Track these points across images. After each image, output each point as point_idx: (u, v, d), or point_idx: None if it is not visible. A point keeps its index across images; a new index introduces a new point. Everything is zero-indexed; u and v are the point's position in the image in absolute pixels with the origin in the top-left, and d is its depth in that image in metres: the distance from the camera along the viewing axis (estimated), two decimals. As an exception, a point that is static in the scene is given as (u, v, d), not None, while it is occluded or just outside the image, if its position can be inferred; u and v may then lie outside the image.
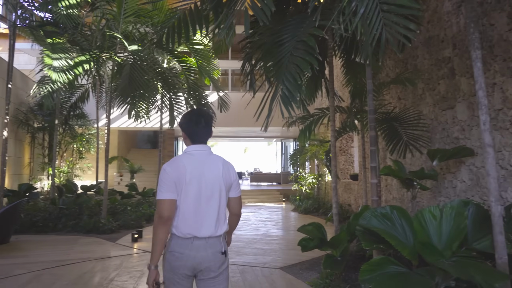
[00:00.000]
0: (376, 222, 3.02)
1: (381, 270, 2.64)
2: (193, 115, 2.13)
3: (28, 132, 12.26)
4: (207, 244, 1.97)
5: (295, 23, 3.42)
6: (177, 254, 1.94)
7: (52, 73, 7.00)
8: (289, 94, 2.99)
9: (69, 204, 8.35)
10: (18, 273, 4.58)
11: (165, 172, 1.97)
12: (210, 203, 2.00)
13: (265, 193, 15.92)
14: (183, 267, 1.94)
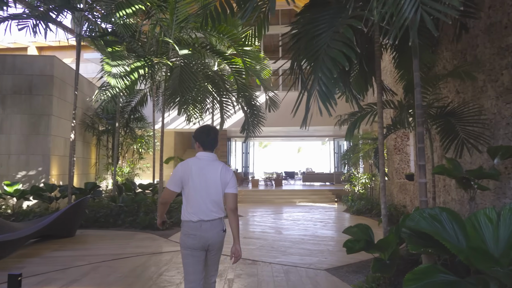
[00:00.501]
0: (425, 224, 2.81)
1: (427, 278, 2.45)
2: (205, 129, 2.76)
3: (94, 135, 13.25)
4: (212, 225, 2.61)
5: (332, 13, 3.30)
6: (192, 236, 2.59)
7: (111, 79, 7.50)
8: (326, 89, 2.89)
9: (127, 202, 8.89)
10: (79, 264, 4.97)
11: (176, 169, 2.64)
12: (211, 195, 2.60)
13: (317, 193, 15.66)
14: (197, 245, 2.59)
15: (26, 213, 8.35)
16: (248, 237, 7.17)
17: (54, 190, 8.97)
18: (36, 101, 10.43)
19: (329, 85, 2.89)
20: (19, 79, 10.49)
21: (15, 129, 10.30)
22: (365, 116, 5.41)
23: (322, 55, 3.03)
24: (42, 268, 4.78)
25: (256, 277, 4.40)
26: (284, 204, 13.76)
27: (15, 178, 9.91)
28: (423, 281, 2.44)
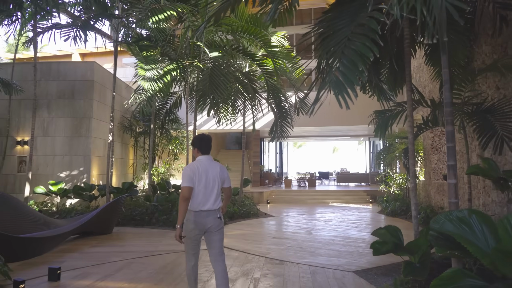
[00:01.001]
0: (451, 226, 2.70)
1: (454, 284, 2.36)
2: (202, 137, 3.42)
3: (131, 136, 13.80)
4: (209, 213, 3.22)
5: (355, 9, 3.24)
6: (192, 222, 3.18)
7: (145, 83, 7.80)
8: (343, 78, 2.83)
9: (161, 201, 9.18)
10: (114, 260, 5.21)
11: (185, 170, 3.24)
12: (212, 189, 3.24)
13: (351, 193, 15.35)
14: (197, 230, 3.18)
15: (69, 211, 8.85)
16: (277, 237, 7.18)
17: (93, 189, 9.45)
18: (78, 105, 11.02)
19: (349, 74, 2.83)
20: (63, 84, 11.14)
21: (59, 131, 10.95)
22: (396, 115, 5.27)
23: (341, 48, 2.99)
24: (80, 262, 5.06)
25: (282, 277, 4.41)
26: (317, 205, 13.62)
27: (59, 178, 10.53)
28: (449, 287, 2.35)
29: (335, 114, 15.31)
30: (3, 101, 10.63)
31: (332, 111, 15.20)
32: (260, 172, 18.88)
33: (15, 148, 10.86)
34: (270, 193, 15.37)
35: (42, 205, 9.58)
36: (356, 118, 14.12)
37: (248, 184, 12.01)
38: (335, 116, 15.32)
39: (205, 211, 3.19)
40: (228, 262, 5.11)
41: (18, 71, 10.85)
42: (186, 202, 3.15)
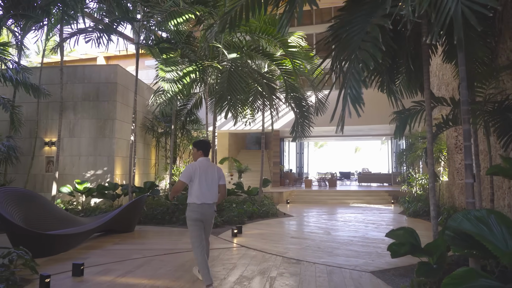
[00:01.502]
0: (468, 225, 2.66)
1: (466, 283, 2.32)
2: (204, 141, 4.25)
3: (153, 137, 14.09)
4: (209, 206, 3.99)
5: (366, 13, 3.23)
6: (199, 213, 3.93)
7: (165, 84, 7.97)
8: (355, 92, 2.86)
9: (182, 200, 9.32)
10: (134, 257, 5.37)
11: (187, 168, 3.98)
12: (211, 186, 4.00)
13: (372, 194, 15.13)
14: (198, 218, 3.94)
15: (93, 209, 9.15)
16: (295, 237, 7.19)
17: (117, 189, 9.72)
18: (102, 107, 11.36)
19: (358, 87, 2.85)
20: (88, 87, 11.51)
21: (84, 132, 11.32)
22: (415, 115, 5.19)
23: (354, 57, 3.00)
24: (103, 259, 5.24)
25: (298, 276, 4.43)
26: (337, 205, 13.51)
27: (84, 177, 10.89)
28: (461, 286, 2.32)
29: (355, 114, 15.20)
30: (32, 104, 11.08)
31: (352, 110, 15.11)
32: (280, 172, 18.88)
33: (43, 148, 11.30)
34: (290, 193, 15.35)
35: (68, 204, 9.93)
36: (377, 117, 13.90)
37: (268, 184, 12.03)
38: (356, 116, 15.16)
39: (207, 204, 3.97)
40: (245, 260, 5.19)
41: (46, 74, 11.29)
42: (176, 193, 4.09)
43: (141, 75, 13.02)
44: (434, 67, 12.26)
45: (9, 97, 10.27)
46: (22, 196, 6.00)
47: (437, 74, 11.84)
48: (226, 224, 8.32)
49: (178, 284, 4.12)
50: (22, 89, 10.07)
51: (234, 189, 11.17)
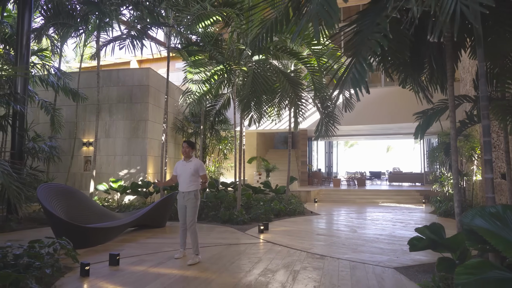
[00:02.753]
0: (481, 221, 2.70)
1: (480, 274, 2.38)
2: None
3: (183, 137, 14.54)
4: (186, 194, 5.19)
5: (378, 10, 3.30)
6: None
7: (193, 85, 8.29)
8: (358, 75, 2.95)
9: (210, 197, 9.65)
10: (166, 250, 5.67)
11: (175, 165, 5.35)
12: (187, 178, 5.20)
13: (402, 193, 14.86)
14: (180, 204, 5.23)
15: (127, 206, 9.63)
16: (321, 234, 7.27)
17: (149, 187, 10.17)
18: (135, 108, 11.89)
19: (362, 71, 2.94)
20: (122, 90, 12.08)
21: (119, 133, 11.89)
22: (439, 113, 5.17)
23: (361, 44, 3.10)
24: (137, 251, 5.58)
25: (321, 270, 4.55)
26: (365, 204, 13.39)
27: (119, 176, 11.45)
28: (475, 276, 2.38)
29: (384, 112, 14.98)
30: (71, 106, 11.78)
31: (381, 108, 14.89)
32: (308, 172, 18.89)
33: (81, 148, 11.99)
34: (318, 192, 15.36)
35: (105, 201, 10.49)
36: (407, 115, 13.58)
37: (293, 181, 12.14)
38: (385, 114, 14.96)
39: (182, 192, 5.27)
40: (270, 255, 5.36)
41: (84, 79, 11.96)
42: (170, 183, 5.67)
43: (172, 77, 13.48)
44: (467, 63, 11.91)
45: (50, 101, 10.99)
46: (63, 191, 6.47)
47: (470, 70, 11.50)
48: (253, 221, 8.52)
49: (205, 275, 4.35)
50: (62, 93, 10.75)
51: (260, 188, 11.35)
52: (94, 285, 3.95)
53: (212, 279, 4.16)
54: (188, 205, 5.11)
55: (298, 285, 3.95)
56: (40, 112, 11.55)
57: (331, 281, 4.10)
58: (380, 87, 16.28)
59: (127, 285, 3.94)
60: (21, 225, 7.60)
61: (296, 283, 4.02)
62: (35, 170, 8.89)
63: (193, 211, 5.10)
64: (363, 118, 15.65)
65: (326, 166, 26.02)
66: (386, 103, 14.82)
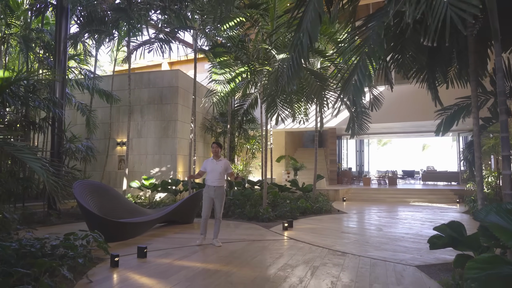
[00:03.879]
0: (496, 217, 2.66)
1: (490, 269, 2.37)
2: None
3: (212, 136, 14.85)
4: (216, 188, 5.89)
5: (380, 16, 3.30)
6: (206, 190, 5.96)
7: (218, 85, 8.50)
8: (359, 84, 2.98)
9: (237, 195, 9.84)
10: (191, 244, 5.90)
11: (205, 162, 6.10)
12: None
13: (435, 192, 14.40)
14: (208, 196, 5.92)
15: (158, 203, 10.01)
16: (345, 232, 7.26)
17: (178, 184, 10.51)
18: (165, 109, 12.31)
19: (363, 79, 2.98)
20: (153, 91, 12.54)
21: (150, 133, 12.36)
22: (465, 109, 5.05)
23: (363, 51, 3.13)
24: (164, 245, 5.84)
25: (340, 267, 4.58)
26: (395, 204, 13.12)
27: (150, 174, 11.90)
28: (485, 271, 2.37)
29: (417, 109, 14.57)
30: (105, 108, 12.37)
31: (414, 105, 14.50)
32: (337, 170, 18.71)
33: (115, 148, 12.56)
34: (347, 191, 15.20)
35: (137, 198, 10.95)
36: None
37: (320, 179, 12.11)
38: (418, 111, 14.55)
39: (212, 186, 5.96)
40: (292, 251, 5.45)
41: (117, 81, 12.53)
42: (199, 177, 6.38)
43: (201, 78, 13.81)
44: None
45: (86, 103, 11.60)
46: (97, 188, 6.87)
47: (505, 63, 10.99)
48: (279, 219, 8.61)
49: (227, 268, 4.51)
50: (97, 95, 11.32)
51: (286, 186, 11.42)
52: (123, 275, 4.21)
53: (232, 272, 4.31)
54: (218, 198, 5.84)
55: (315, 280, 4.02)
56: (77, 114, 12.23)
57: (349, 277, 4.13)
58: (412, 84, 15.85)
59: (153, 276, 4.17)
60: (60, 219, 8.12)
61: (314, 278, 4.09)
62: (72, 169, 9.45)
63: (221, 204, 5.89)
64: (394, 116, 15.32)
65: (357, 165, 25.60)
66: (419, 100, 14.38)
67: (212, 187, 5.85)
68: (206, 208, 5.92)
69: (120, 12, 8.80)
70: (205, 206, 5.92)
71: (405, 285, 3.86)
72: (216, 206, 5.91)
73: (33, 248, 3.96)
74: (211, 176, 5.87)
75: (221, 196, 5.89)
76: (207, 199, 5.90)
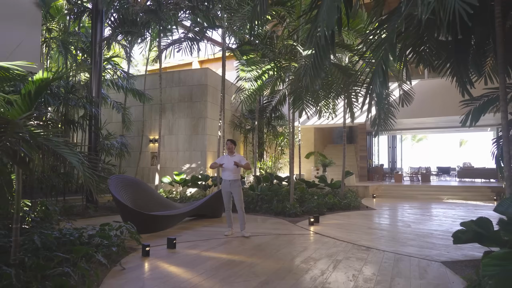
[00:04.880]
0: (516, 210, 2.63)
1: (508, 265, 2.36)
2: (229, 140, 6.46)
3: (241, 133, 15.08)
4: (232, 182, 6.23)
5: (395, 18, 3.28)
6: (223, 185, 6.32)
7: (245, 83, 8.66)
8: (379, 90, 3.00)
9: (264, 191, 9.98)
10: (218, 237, 6.11)
11: (221, 157, 6.51)
12: None
13: (471, 190, 13.88)
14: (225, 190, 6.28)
15: (188, 198, 10.34)
16: (372, 228, 7.22)
17: (208, 180, 10.79)
18: (195, 107, 12.64)
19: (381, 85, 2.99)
20: (183, 89, 12.91)
21: (181, 130, 12.74)
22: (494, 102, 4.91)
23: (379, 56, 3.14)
24: (193, 237, 6.09)
25: (363, 261, 4.61)
26: (428, 201, 12.78)
27: (181, 170, 12.28)
28: (503, 267, 2.36)
29: (451, 103, 14.06)
30: (138, 106, 12.88)
31: (448, 99, 14.02)
32: (368, 167, 18.42)
33: (148, 145, 13.06)
34: (377, 188, 14.96)
35: (169, 193, 11.36)
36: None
37: (349, 175, 12.02)
38: (452, 105, 14.02)
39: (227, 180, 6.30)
40: (316, 245, 5.53)
41: (149, 80, 13.00)
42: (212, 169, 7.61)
43: (230, 76, 14.05)
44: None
45: (121, 102, 12.14)
46: (130, 182, 7.23)
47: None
48: (306, 214, 8.68)
49: (251, 260, 4.67)
50: (130, 94, 11.81)
51: (314, 182, 11.43)
52: (153, 263, 4.47)
53: (256, 264, 4.46)
54: (235, 192, 6.18)
55: (337, 273, 4.09)
56: (112, 112, 12.81)
57: (371, 271, 4.17)
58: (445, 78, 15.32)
59: (181, 265, 4.39)
60: (97, 212, 8.61)
61: (336, 271, 4.16)
62: (108, 164, 9.95)
63: (239, 196, 6.20)
64: (427, 110, 14.89)
65: (390, 161, 25.01)
66: (453, 94, 13.87)
67: (227, 181, 6.20)
68: (226, 202, 6.34)
69: (151, 14, 9.16)
70: (224, 200, 6.35)
71: (427, 280, 3.84)
72: (235, 199, 6.23)
73: (72, 236, 4.30)
74: (227, 171, 6.20)
75: (238, 189, 6.20)
76: (225, 193, 6.31)
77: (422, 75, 16.26)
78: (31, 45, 8.41)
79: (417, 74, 16.43)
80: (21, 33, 8.19)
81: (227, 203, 6.33)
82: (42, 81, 3.67)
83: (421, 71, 16.45)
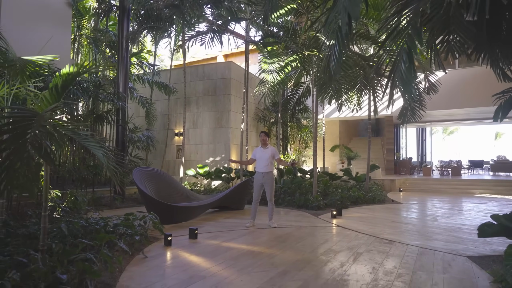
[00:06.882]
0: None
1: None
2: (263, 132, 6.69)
3: (265, 126, 15.07)
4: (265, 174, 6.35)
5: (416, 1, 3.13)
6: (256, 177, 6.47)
7: (267, 75, 8.63)
8: (406, 77, 2.89)
9: (287, 183, 9.96)
10: (240, 228, 6.17)
11: (255, 150, 6.63)
12: None
13: (504, 184, 13.29)
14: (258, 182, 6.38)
15: (212, 190, 10.48)
16: (396, 221, 7.07)
17: (231, 172, 10.89)
18: (219, 100, 12.74)
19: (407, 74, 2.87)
20: (207, 83, 13.04)
21: (205, 123, 12.89)
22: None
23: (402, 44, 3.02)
24: (214, 228, 6.18)
25: (385, 254, 4.53)
26: (458, 195, 12.36)
27: (205, 163, 12.45)
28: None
29: (483, 93, 13.49)
30: (164, 101, 13.13)
31: (479, 89, 13.45)
32: (394, 160, 17.99)
33: (174, 138, 13.31)
34: (404, 181, 14.60)
35: (193, 185, 11.55)
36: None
37: (376, 169, 11.79)
38: (484, 96, 13.44)
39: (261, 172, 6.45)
40: (337, 238, 5.49)
41: (174, 75, 13.21)
42: (248, 164, 7.38)
43: (254, 69, 14.04)
44: None
45: (147, 96, 12.41)
46: (155, 174, 7.42)
47: None
48: (329, 207, 8.60)
49: (271, 251, 4.69)
50: (157, 88, 12.04)
51: (337, 175, 11.29)
52: (175, 252, 4.58)
53: (275, 255, 4.47)
54: (268, 183, 6.25)
55: (357, 265, 4.04)
56: (139, 107, 13.12)
57: (392, 264, 4.09)
58: (478, 66, 14.67)
59: (201, 255, 4.48)
60: (124, 203, 8.89)
61: (356, 263, 4.11)
62: (135, 158, 10.23)
63: (271, 189, 6.29)
64: (457, 101, 14.35)
65: (419, 154, 24.32)
66: (485, 83, 13.32)
67: (261, 173, 6.29)
68: (256, 193, 6.41)
69: (174, 9, 9.28)
70: (255, 191, 6.41)
71: (451, 274, 3.73)
72: (266, 191, 6.29)
73: (97, 225, 4.47)
74: (260, 163, 6.32)
75: (271, 181, 6.27)
76: (257, 185, 6.36)
77: (452, 65, 15.62)
78: (61, 42, 8.73)
79: (447, 64, 15.81)
80: (52, 30, 8.52)
81: (257, 195, 6.40)
82: (69, 75, 3.80)
83: (451, 60, 15.80)
